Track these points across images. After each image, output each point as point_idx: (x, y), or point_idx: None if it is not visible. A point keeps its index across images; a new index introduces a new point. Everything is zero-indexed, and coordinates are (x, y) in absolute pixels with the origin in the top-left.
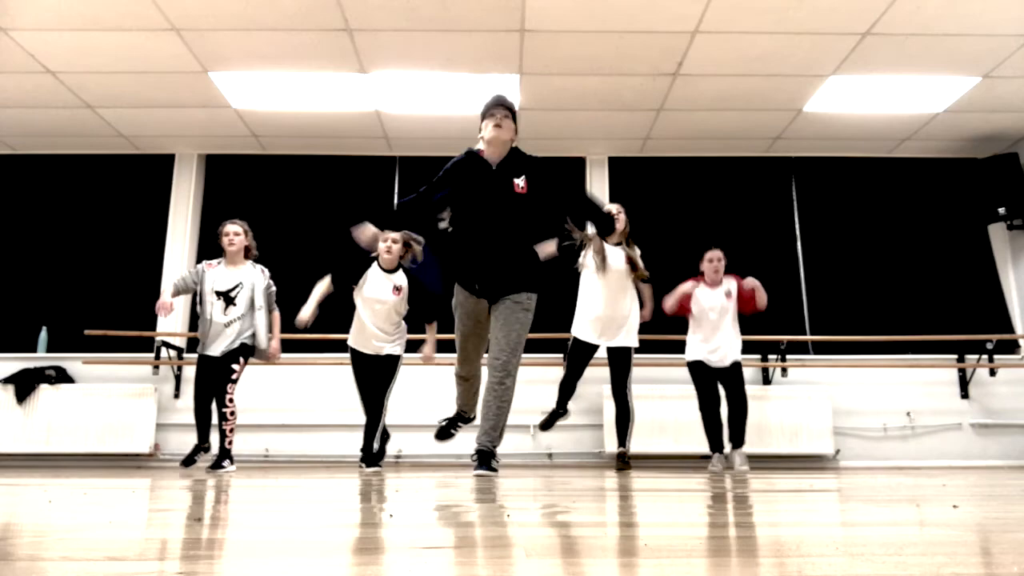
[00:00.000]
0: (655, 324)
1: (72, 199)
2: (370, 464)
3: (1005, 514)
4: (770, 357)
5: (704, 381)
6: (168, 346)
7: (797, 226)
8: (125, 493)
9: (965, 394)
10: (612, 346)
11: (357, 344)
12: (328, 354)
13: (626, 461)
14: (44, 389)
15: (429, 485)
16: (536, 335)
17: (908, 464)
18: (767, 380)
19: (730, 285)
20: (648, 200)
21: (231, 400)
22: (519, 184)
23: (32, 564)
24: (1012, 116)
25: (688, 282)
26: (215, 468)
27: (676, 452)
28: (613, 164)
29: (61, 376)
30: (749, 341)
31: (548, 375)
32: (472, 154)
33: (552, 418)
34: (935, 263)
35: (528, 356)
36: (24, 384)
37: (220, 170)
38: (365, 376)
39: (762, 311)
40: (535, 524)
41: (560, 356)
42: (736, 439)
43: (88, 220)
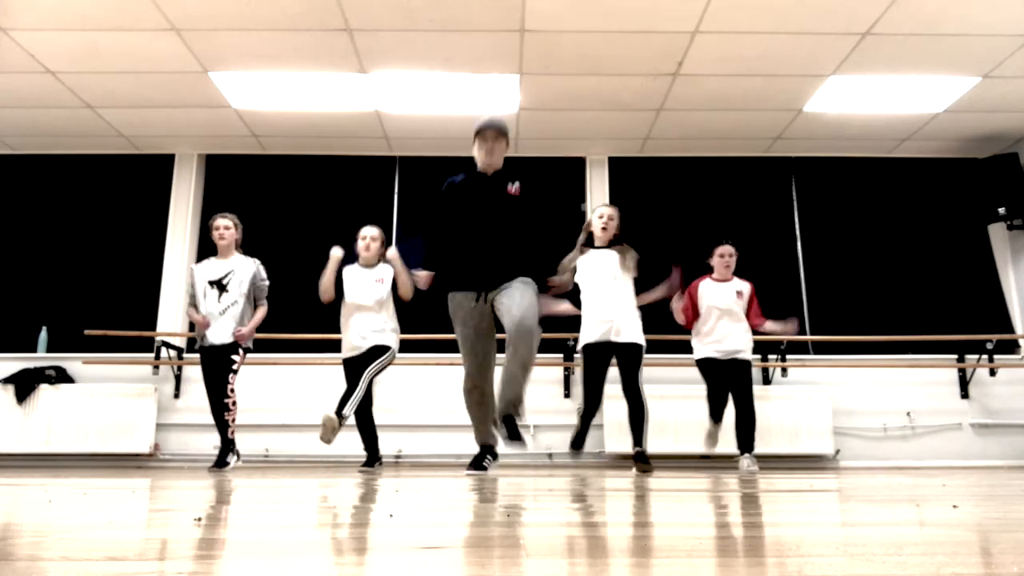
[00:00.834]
0: (656, 324)
1: (72, 199)
2: (368, 464)
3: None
4: (770, 357)
5: (714, 378)
6: (168, 346)
7: (797, 226)
8: (125, 493)
9: (965, 394)
10: (617, 342)
11: (346, 352)
12: (328, 354)
13: (647, 460)
14: (44, 389)
15: (429, 485)
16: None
17: (908, 464)
18: (767, 380)
19: (743, 287)
20: (648, 200)
21: (232, 391)
22: (512, 188)
23: (32, 564)
24: (1012, 116)
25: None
26: (220, 467)
27: (676, 452)
28: (613, 164)
29: (61, 376)
30: None
31: (549, 375)
32: (467, 171)
33: (579, 439)
34: (935, 263)
35: None
36: (24, 384)
37: (220, 170)
38: (353, 369)
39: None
40: (536, 524)
41: (560, 356)
42: (744, 445)
43: (88, 220)
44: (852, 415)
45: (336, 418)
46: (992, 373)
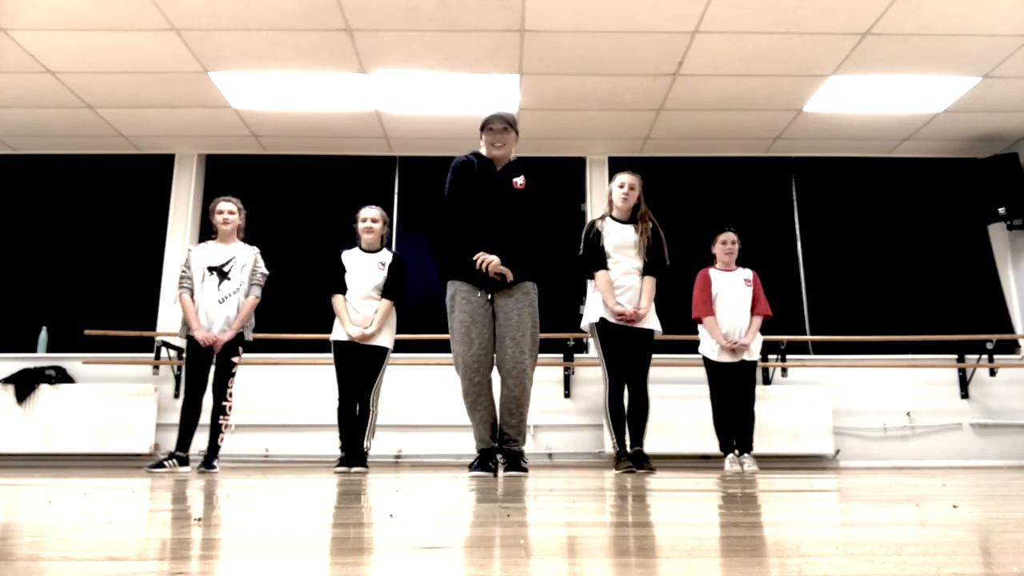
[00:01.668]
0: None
1: (72, 199)
2: (353, 465)
3: (1005, 514)
4: (770, 357)
5: (717, 377)
6: (168, 346)
7: (797, 226)
8: (125, 493)
9: (965, 394)
10: (630, 328)
11: (340, 335)
12: (328, 354)
13: (647, 460)
14: (44, 389)
15: (429, 485)
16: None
17: (908, 464)
18: (767, 380)
19: (748, 275)
20: (648, 200)
21: (231, 394)
22: (518, 182)
23: (32, 564)
24: (1012, 116)
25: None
26: (208, 468)
27: (676, 452)
28: (613, 164)
29: (61, 376)
30: None
31: (549, 375)
32: (477, 155)
33: (624, 459)
34: (935, 263)
35: None
36: (24, 384)
37: (220, 170)
38: (348, 367)
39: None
40: (536, 524)
41: (560, 356)
42: (744, 445)
43: (88, 220)
44: (852, 415)
45: (365, 464)
46: (992, 373)
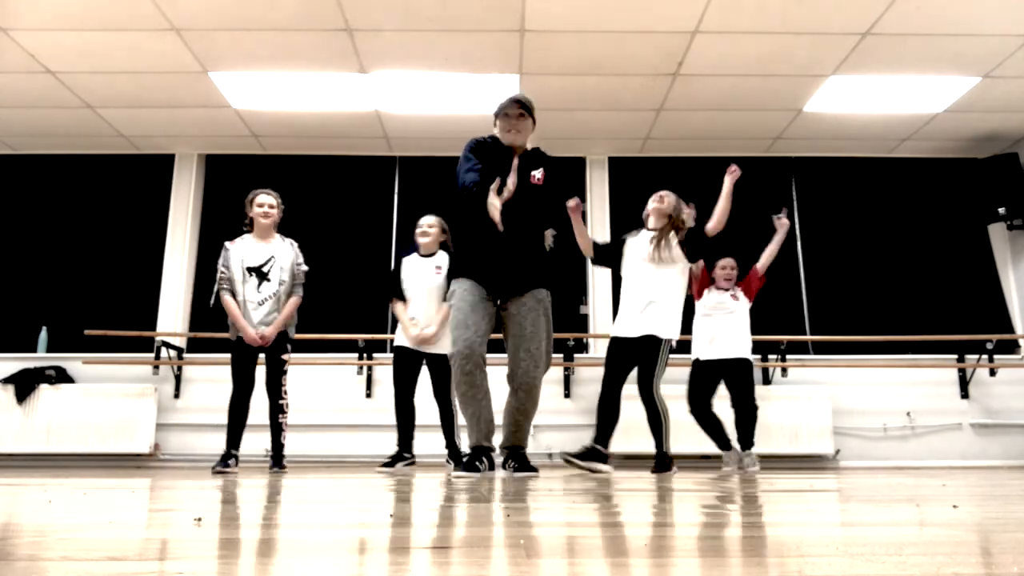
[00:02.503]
0: None
1: (72, 199)
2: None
3: (1005, 514)
4: (770, 357)
5: (696, 379)
6: (168, 346)
7: (797, 226)
8: (125, 493)
9: (965, 394)
10: (634, 336)
11: (401, 340)
12: (329, 354)
13: (667, 463)
14: (44, 389)
15: (429, 485)
16: None
17: (908, 464)
18: (767, 380)
19: (738, 293)
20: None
21: (286, 391)
22: (536, 176)
23: (32, 564)
24: (1012, 116)
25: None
26: (279, 468)
27: (675, 452)
28: (613, 164)
29: (61, 376)
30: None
31: (549, 375)
32: (495, 139)
33: (588, 455)
34: (935, 263)
35: None
36: (24, 384)
37: (220, 170)
38: (407, 375)
39: (762, 277)
40: (536, 524)
41: (560, 356)
42: (743, 442)
43: (88, 220)
44: (852, 415)
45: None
46: (992, 373)
